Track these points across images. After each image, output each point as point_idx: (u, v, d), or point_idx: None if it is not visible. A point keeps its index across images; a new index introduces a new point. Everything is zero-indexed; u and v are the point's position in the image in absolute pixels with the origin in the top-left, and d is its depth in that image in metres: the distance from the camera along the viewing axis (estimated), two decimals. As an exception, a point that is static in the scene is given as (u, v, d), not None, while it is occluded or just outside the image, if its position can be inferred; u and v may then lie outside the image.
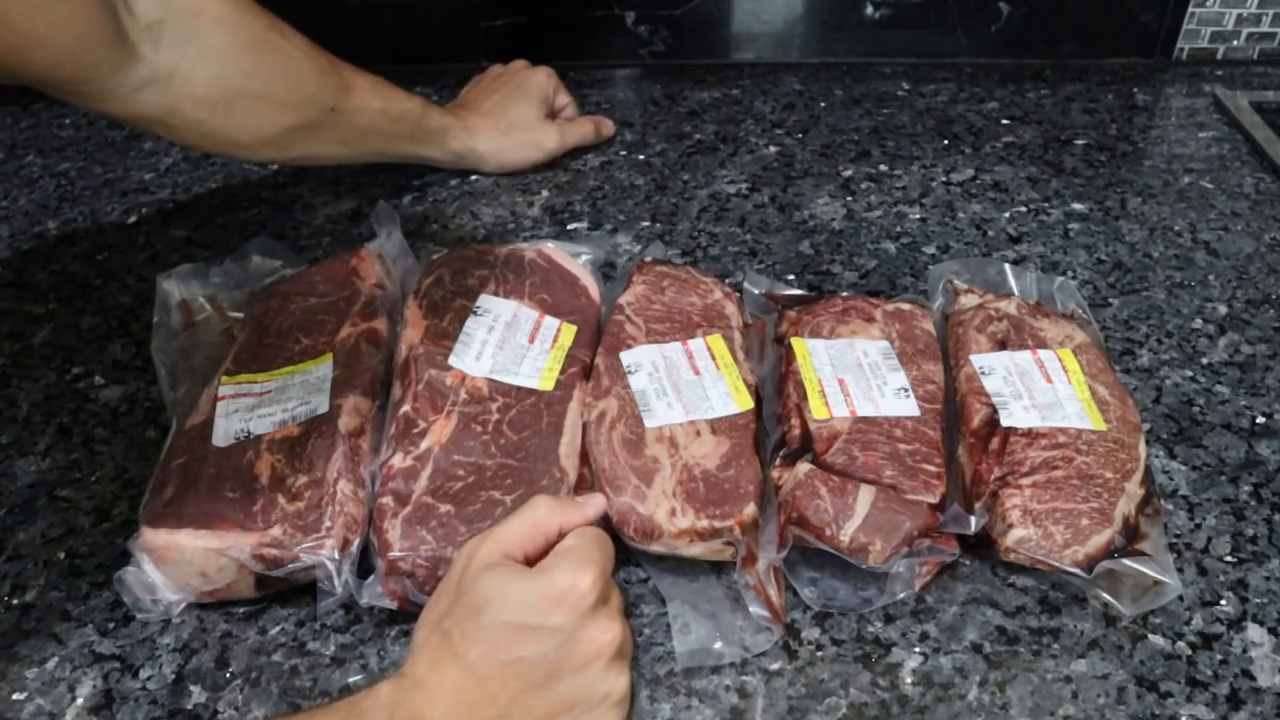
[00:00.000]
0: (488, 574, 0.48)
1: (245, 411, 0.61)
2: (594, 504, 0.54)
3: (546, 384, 0.63)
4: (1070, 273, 0.81)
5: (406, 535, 0.55)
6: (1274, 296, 0.78)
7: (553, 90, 0.94)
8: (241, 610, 0.57)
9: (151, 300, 0.70)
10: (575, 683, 0.47)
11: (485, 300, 0.68)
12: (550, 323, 0.67)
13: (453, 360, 0.63)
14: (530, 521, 0.51)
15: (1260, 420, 0.67)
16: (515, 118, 0.91)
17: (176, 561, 0.54)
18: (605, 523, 0.57)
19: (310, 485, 0.57)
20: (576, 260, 0.74)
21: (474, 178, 0.94)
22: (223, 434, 0.59)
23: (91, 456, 0.66)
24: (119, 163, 0.97)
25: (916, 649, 0.54)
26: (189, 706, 0.52)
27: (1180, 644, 0.54)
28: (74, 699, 0.52)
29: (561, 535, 0.51)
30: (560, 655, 0.47)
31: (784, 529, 0.56)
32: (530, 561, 0.50)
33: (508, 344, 0.65)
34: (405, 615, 0.55)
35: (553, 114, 0.95)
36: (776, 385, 0.65)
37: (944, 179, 0.93)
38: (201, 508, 0.55)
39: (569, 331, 0.67)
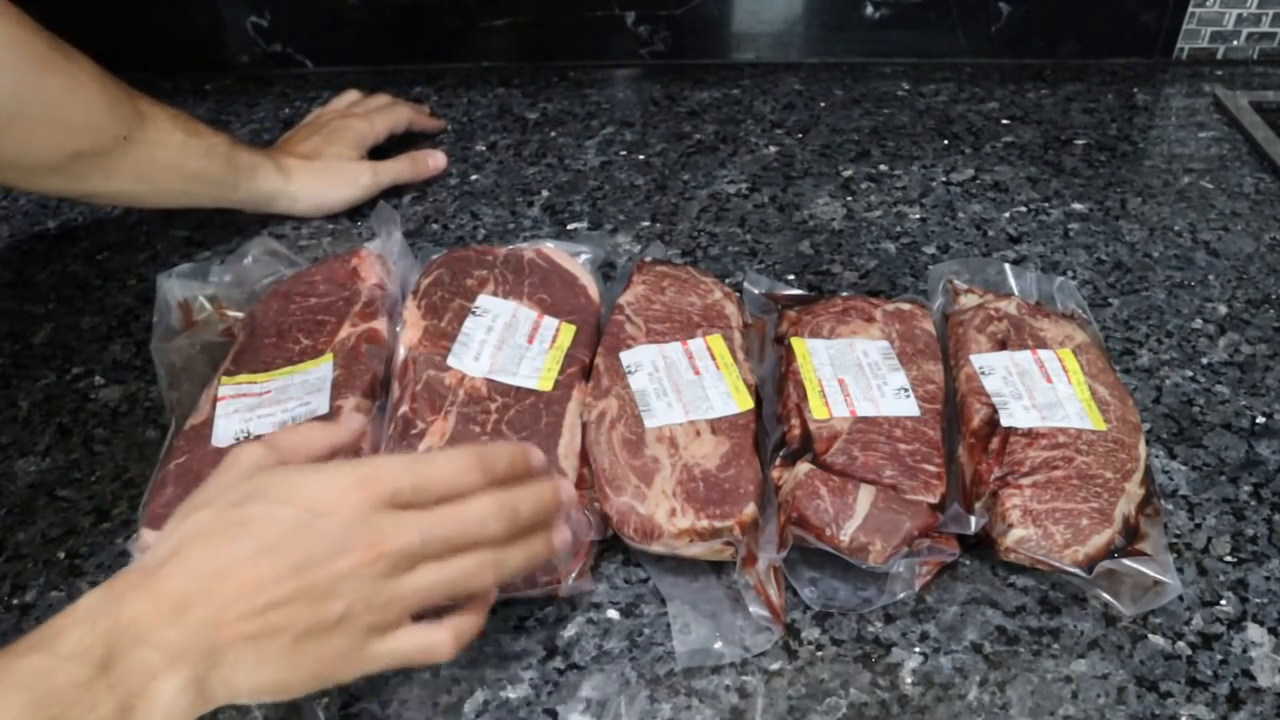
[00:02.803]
0: (266, 471, 0.46)
1: (245, 412, 0.61)
2: (355, 420, 0.53)
3: (545, 384, 0.63)
4: (1070, 273, 0.81)
5: None
6: (1274, 296, 0.78)
7: (370, 135, 0.91)
8: (241, 610, 0.57)
9: (151, 300, 0.70)
10: (345, 583, 0.43)
11: (484, 300, 0.68)
12: (549, 323, 0.67)
13: (451, 360, 0.63)
14: (306, 434, 0.49)
15: (1260, 420, 0.67)
16: (330, 158, 0.87)
17: None
18: (605, 523, 0.57)
19: (309, 486, 0.57)
20: (576, 260, 0.74)
21: (474, 177, 0.94)
22: (223, 434, 0.59)
23: (91, 456, 0.66)
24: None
25: (916, 649, 0.54)
26: (189, 706, 0.52)
27: (1180, 644, 0.54)
28: (74, 699, 0.52)
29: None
30: (339, 545, 0.43)
31: (784, 529, 0.56)
32: None
33: (506, 344, 0.65)
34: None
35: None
36: (776, 385, 0.65)
37: (944, 179, 0.93)
38: None
39: (568, 331, 0.67)
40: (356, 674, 0.45)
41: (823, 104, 1.06)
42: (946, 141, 0.99)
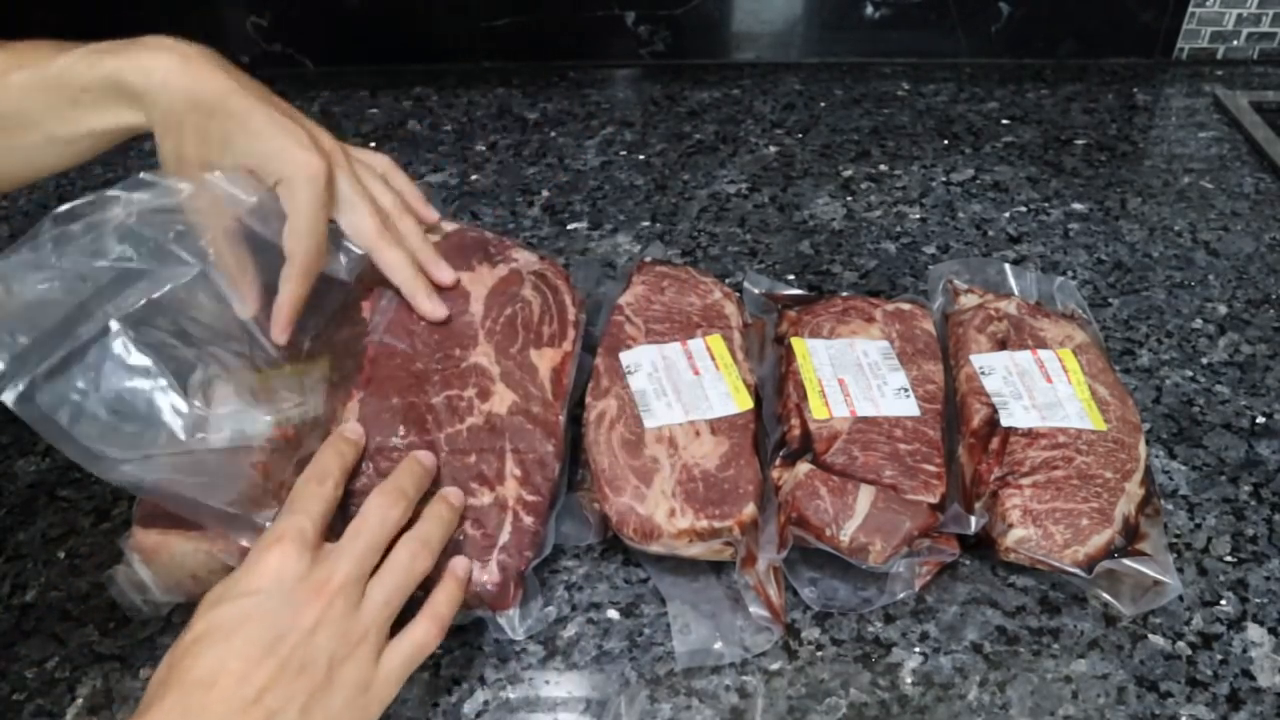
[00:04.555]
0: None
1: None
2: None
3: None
4: (1070, 273, 0.81)
5: None
6: (1274, 296, 0.78)
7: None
8: (241, 610, 0.57)
9: (151, 300, 0.70)
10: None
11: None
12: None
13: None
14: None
15: (1260, 420, 0.67)
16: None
17: (167, 563, 0.54)
18: (605, 524, 0.57)
19: (303, 487, 0.56)
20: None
21: (474, 177, 0.94)
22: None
23: (91, 456, 0.66)
24: (119, 162, 0.97)
25: (916, 649, 0.54)
26: (189, 706, 0.52)
27: (1180, 644, 0.54)
28: (74, 699, 0.52)
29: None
30: (292, 608, 0.45)
31: (784, 529, 0.56)
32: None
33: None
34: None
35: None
36: (776, 385, 0.65)
37: (944, 179, 0.93)
38: None
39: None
40: (378, 708, 0.46)
41: (823, 104, 1.06)
42: (946, 141, 0.99)
